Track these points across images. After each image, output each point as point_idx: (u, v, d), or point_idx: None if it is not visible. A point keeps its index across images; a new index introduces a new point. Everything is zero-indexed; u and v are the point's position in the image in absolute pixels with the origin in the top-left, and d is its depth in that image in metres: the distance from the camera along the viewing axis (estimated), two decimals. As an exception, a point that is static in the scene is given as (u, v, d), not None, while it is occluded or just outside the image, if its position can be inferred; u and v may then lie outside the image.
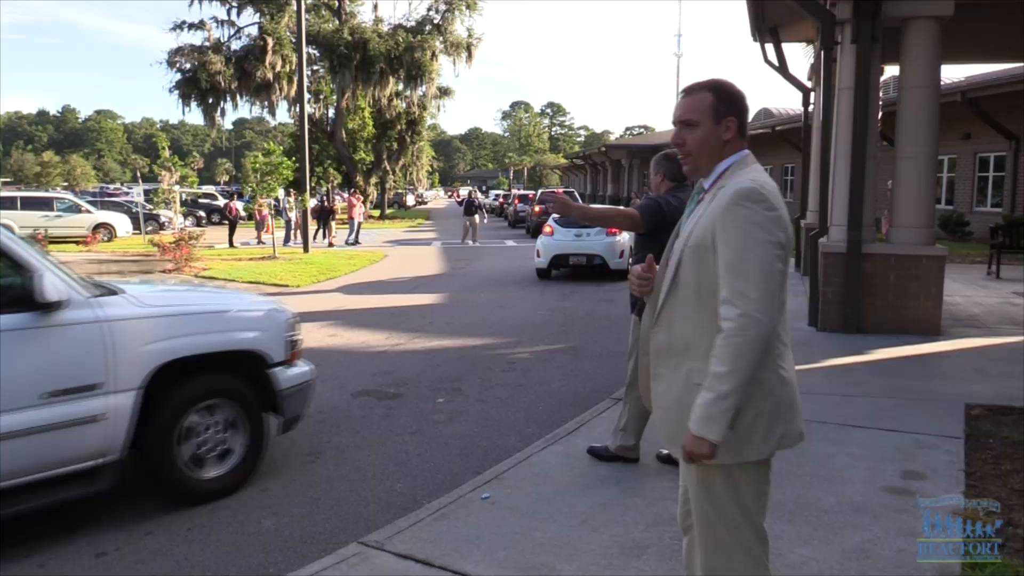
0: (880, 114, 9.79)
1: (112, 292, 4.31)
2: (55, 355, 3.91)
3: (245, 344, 4.73)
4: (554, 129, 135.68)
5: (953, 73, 20.94)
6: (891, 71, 11.88)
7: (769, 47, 14.12)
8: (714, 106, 2.24)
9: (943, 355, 7.57)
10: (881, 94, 10.87)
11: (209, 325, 4.65)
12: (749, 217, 2.11)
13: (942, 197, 24.02)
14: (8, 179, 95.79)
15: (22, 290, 3.81)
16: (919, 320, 8.38)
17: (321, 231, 26.14)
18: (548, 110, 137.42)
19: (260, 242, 24.14)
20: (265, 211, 24.28)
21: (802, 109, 15.82)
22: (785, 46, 14.37)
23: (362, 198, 32.43)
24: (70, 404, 3.92)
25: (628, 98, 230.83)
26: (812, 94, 14.67)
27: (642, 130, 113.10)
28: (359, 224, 26.46)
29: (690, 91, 2.30)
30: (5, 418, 3.68)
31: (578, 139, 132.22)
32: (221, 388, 4.62)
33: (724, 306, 2.10)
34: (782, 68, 14.23)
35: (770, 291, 2.09)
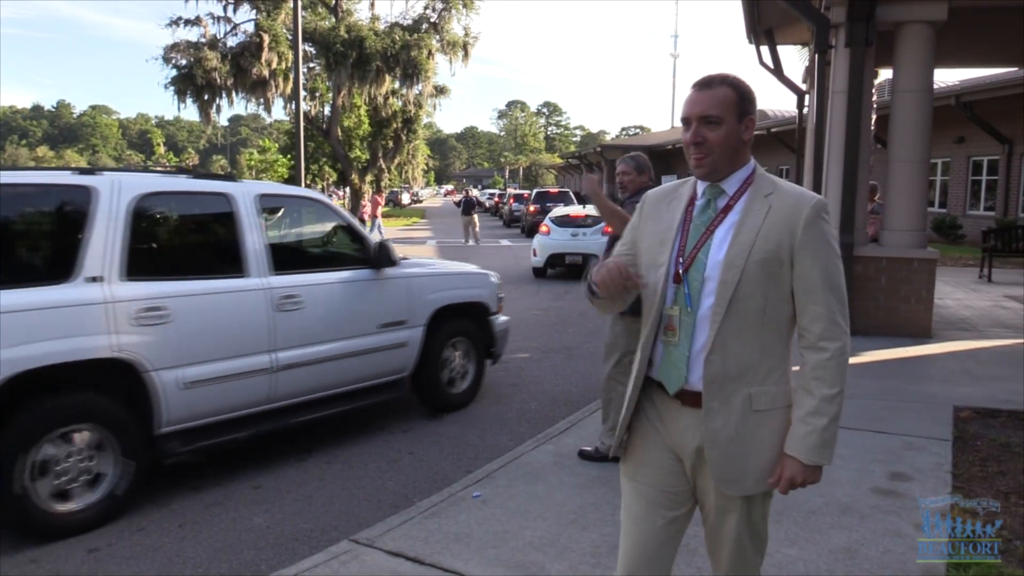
0: (874, 117, 9.83)
1: (405, 258, 6.04)
2: (384, 299, 5.71)
3: (479, 297, 6.57)
4: (550, 129, 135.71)
5: (947, 77, 21.06)
6: (886, 74, 11.94)
7: (764, 49, 14.17)
8: (737, 103, 2.07)
9: (933, 357, 7.61)
10: (876, 97, 10.92)
11: (461, 283, 6.53)
12: (830, 232, 2.07)
13: (935, 200, 24.11)
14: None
15: (364, 255, 5.67)
16: (910, 323, 8.43)
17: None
18: (544, 110, 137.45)
19: None
20: None
21: (797, 111, 15.88)
22: (780, 48, 14.42)
23: (384, 197, 32.42)
24: (391, 333, 5.72)
25: (624, 99, 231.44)
26: (807, 96, 14.73)
27: (638, 131, 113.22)
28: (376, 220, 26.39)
29: (709, 84, 2.09)
30: (364, 339, 5.49)
31: (574, 139, 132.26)
32: (463, 329, 6.41)
33: (825, 324, 2.04)
34: (777, 70, 14.28)
35: (847, 304, 2.11)
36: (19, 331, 3.85)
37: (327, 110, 39.14)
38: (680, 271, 2.11)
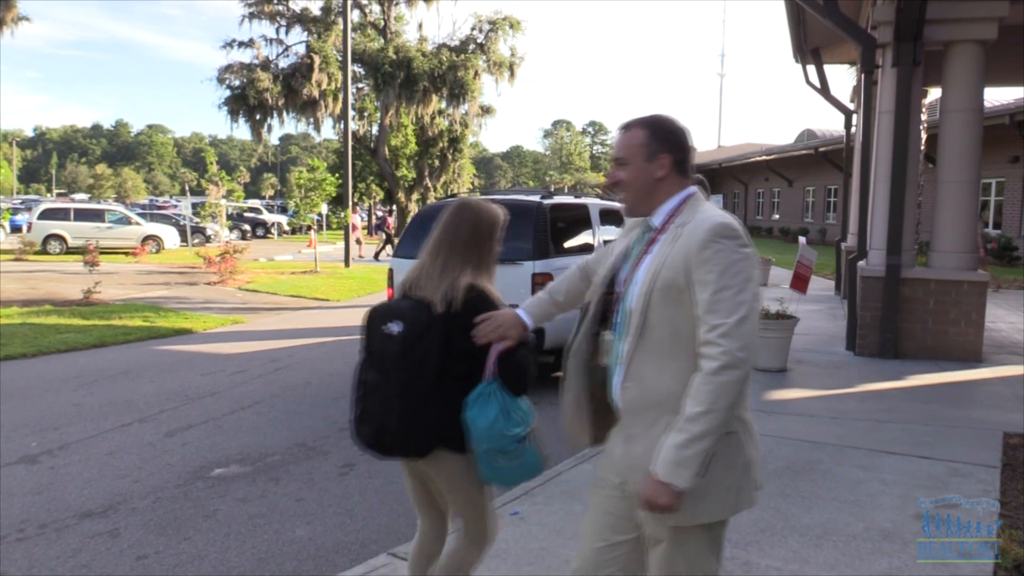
0: (924, 136, 9.69)
1: None
2: None
3: None
4: (595, 148, 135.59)
5: (1000, 95, 20.55)
6: (937, 92, 11.79)
7: (811, 68, 14.09)
8: (646, 143, 2.13)
9: (983, 382, 7.45)
10: (926, 116, 10.77)
11: None
12: (726, 255, 1.99)
13: (990, 221, 23.56)
14: (62, 191, 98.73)
15: None
16: (959, 346, 8.27)
17: (388, 246, 26.59)
18: (589, 128, 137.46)
19: (360, 255, 26.41)
20: (358, 222, 25.59)
21: (844, 131, 15.71)
22: (828, 67, 14.33)
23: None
24: None
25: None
26: (854, 116, 14.58)
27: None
28: None
29: (626, 127, 2.19)
30: None
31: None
32: None
33: (705, 346, 1.97)
34: (824, 90, 14.17)
35: (751, 330, 1.97)
36: None
37: (375, 129, 39.78)
38: (615, 300, 2.19)
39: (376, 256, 26.22)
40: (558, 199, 8.37)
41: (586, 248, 8.31)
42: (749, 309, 1.98)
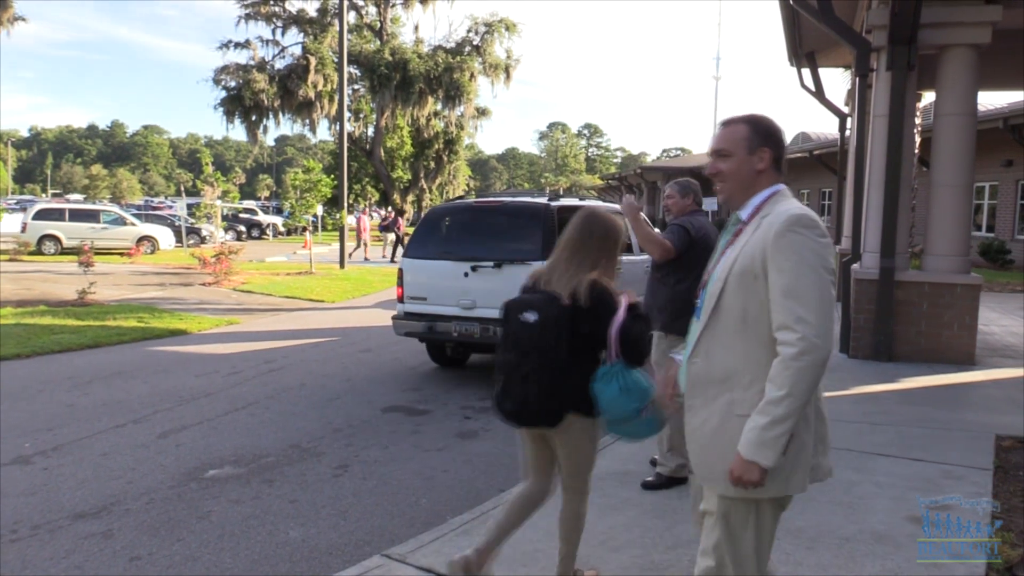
0: (919, 140, 9.71)
1: None
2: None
3: None
4: (591, 150, 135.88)
5: (994, 99, 20.71)
6: (931, 96, 11.83)
7: (806, 72, 14.14)
8: (748, 137, 2.28)
9: (975, 385, 7.47)
10: (920, 119, 10.81)
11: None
12: (803, 243, 2.11)
13: (983, 224, 23.63)
14: (58, 191, 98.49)
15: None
16: (952, 349, 8.29)
17: (395, 248, 26.51)
18: (585, 131, 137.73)
19: (366, 259, 26.00)
20: (365, 220, 25.46)
21: (839, 134, 15.75)
22: (823, 70, 14.37)
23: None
24: None
25: (665, 120, 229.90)
26: (848, 119, 14.62)
27: (679, 152, 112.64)
28: None
29: (727, 123, 2.35)
30: None
31: (614, 160, 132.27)
32: None
33: (782, 331, 2.08)
34: (818, 93, 14.22)
35: (828, 316, 2.08)
36: None
37: (371, 131, 39.79)
38: (700, 288, 2.39)
39: (392, 259, 26.25)
40: (564, 201, 8.54)
41: None
42: (824, 296, 2.10)
